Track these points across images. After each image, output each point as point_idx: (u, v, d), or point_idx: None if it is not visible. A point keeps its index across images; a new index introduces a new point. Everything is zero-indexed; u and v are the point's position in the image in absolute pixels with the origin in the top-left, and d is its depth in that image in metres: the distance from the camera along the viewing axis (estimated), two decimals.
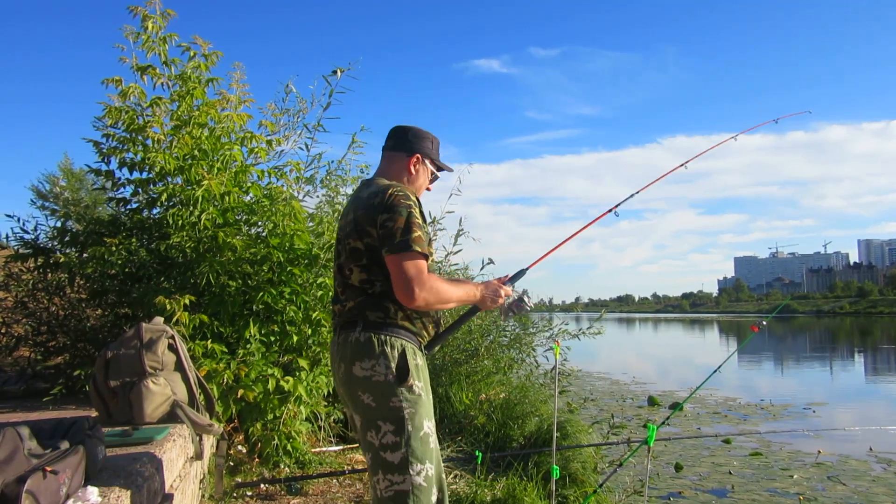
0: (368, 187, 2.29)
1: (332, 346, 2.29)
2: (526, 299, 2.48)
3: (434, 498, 2.10)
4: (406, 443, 2.07)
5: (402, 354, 2.12)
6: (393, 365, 2.10)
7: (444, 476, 2.20)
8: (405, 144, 2.39)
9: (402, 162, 2.38)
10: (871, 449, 8.15)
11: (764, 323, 3.19)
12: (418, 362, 2.17)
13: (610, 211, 3.03)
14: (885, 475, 7.12)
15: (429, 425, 2.13)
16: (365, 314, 2.18)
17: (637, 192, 3.20)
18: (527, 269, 2.63)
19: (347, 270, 2.23)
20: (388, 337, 2.14)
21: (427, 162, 2.42)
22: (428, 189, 2.50)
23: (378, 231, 2.14)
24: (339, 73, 4.65)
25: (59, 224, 4.68)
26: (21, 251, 4.56)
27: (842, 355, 27.45)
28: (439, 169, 2.49)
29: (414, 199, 2.22)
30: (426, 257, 2.14)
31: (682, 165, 3.44)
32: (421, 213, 2.24)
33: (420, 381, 2.14)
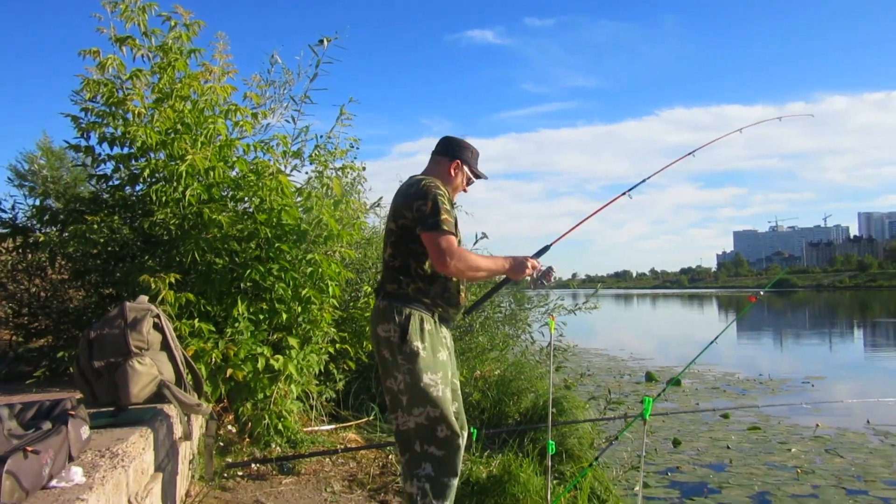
0: (409, 181, 2.81)
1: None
2: (553, 271, 2.93)
3: (442, 434, 2.60)
4: (408, 390, 2.61)
5: (407, 319, 2.63)
6: (397, 328, 2.62)
7: (451, 418, 2.63)
8: (449, 151, 2.91)
9: (444, 165, 2.89)
10: (868, 421, 8.14)
11: (762, 293, 3.12)
12: (425, 327, 2.65)
13: (624, 194, 3.46)
14: (882, 447, 7.12)
15: (430, 377, 2.60)
16: (385, 285, 2.77)
17: (649, 177, 3.63)
18: (550, 245, 3.11)
19: (384, 247, 2.85)
20: (398, 305, 2.67)
21: (465, 168, 2.92)
22: (464, 191, 2.98)
23: (414, 214, 2.63)
24: (325, 42, 4.50)
25: (37, 202, 4.57)
26: None
27: (841, 329, 27.54)
28: (476, 176, 2.99)
29: (444, 190, 2.71)
30: (454, 235, 2.62)
31: (690, 154, 3.81)
32: (450, 202, 2.72)
33: (423, 343, 2.62)
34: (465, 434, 2.86)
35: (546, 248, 3.08)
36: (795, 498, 5.43)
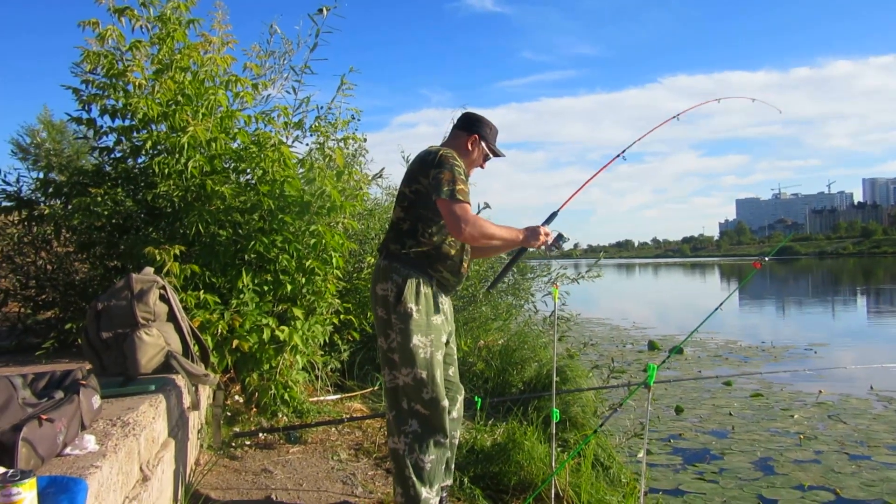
0: (427, 150, 2.87)
1: None
2: (564, 235, 3.04)
3: (426, 396, 2.68)
4: (399, 349, 2.69)
5: (404, 281, 2.70)
6: (394, 289, 2.70)
7: (437, 381, 2.70)
8: (467, 126, 2.98)
9: (462, 139, 2.95)
10: (871, 387, 8.20)
11: (767, 259, 3.11)
12: (422, 290, 2.72)
13: (618, 156, 3.42)
14: (885, 413, 7.17)
15: (420, 339, 2.68)
16: (388, 245, 2.84)
17: (642, 137, 3.59)
18: (557, 211, 3.18)
19: (394, 210, 2.91)
20: (398, 266, 2.74)
21: (483, 144, 2.97)
22: (481, 167, 3.05)
23: (430, 181, 2.70)
24: (325, 11, 4.44)
25: (41, 175, 4.57)
26: (4, 204, 4.45)
27: (844, 297, 27.56)
28: (494, 153, 3.03)
29: (460, 162, 2.78)
30: (469, 203, 2.70)
31: (674, 117, 3.67)
32: (466, 174, 2.79)
33: (417, 305, 2.69)
34: (461, 398, 3.02)
35: (554, 215, 3.16)
36: (798, 464, 5.49)
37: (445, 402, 2.74)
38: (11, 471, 1.45)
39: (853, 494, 4.84)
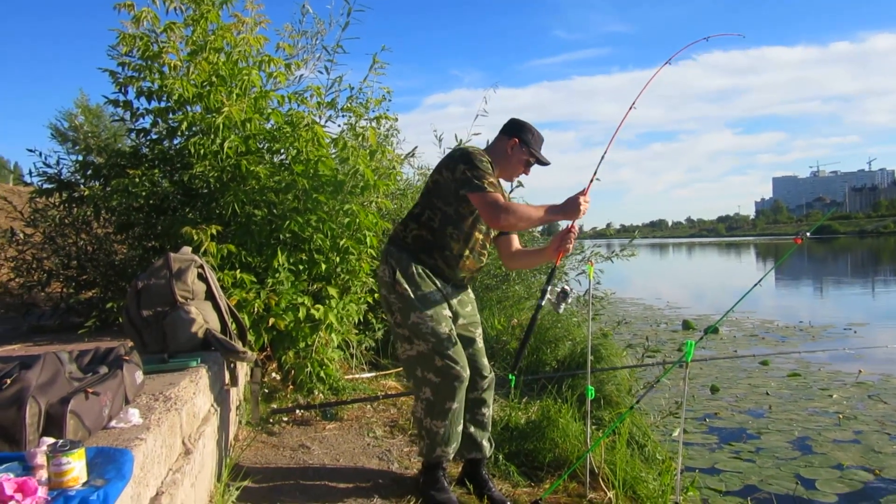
0: (458, 147, 3.10)
1: None
2: (568, 289, 3.10)
3: (439, 364, 2.77)
4: (404, 325, 2.83)
5: (397, 263, 2.86)
6: (389, 271, 2.86)
7: (445, 349, 2.77)
8: (509, 131, 3.01)
9: (503, 142, 2.99)
10: None
11: (808, 235, 3.03)
12: (414, 271, 2.84)
13: (592, 180, 3.07)
14: None
15: (419, 315, 2.79)
16: (396, 229, 3.00)
17: (605, 152, 3.24)
18: (592, 179, 3.05)
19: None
20: (393, 249, 2.91)
21: (524, 149, 2.96)
22: (525, 173, 3.05)
23: (459, 177, 2.77)
24: None
25: (80, 158, 4.65)
26: (45, 186, 4.55)
27: (885, 276, 26.89)
28: (537, 160, 3.01)
29: (487, 158, 2.84)
30: (499, 195, 2.76)
31: (631, 107, 3.28)
32: (493, 168, 2.85)
33: (410, 286, 2.81)
34: (489, 376, 3.09)
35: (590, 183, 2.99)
36: (837, 444, 5.41)
37: (458, 370, 2.79)
38: (61, 441, 1.49)
39: (894, 475, 4.75)
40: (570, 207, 2.80)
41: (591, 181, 3.01)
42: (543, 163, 3.06)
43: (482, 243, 3.01)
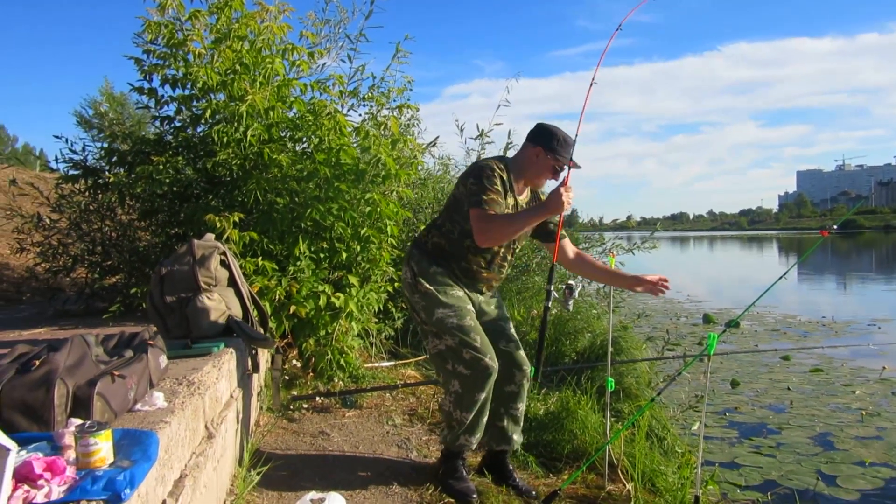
0: (475, 160, 3.20)
1: None
2: (574, 285, 3.31)
3: (468, 356, 2.80)
4: (428, 322, 2.91)
5: (417, 265, 2.97)
6: (410, 273, 2.98)
7: (473, 342, 2.81)
8: (534, 138, 2.99)
9: (527, 150, 3.00)
10: None
11: (835, 227, 2.99)
12: (434, 270, 2.94)
13: (570, 168, 2.96)
14: None
15: (443, 311, 2.86)
16: (420, 232, 3.16)
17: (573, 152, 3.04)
18: (569, 168, 2.98)
19: None
20: (414, 252, 3.04)
21: (549, 156, 2.93)
22: (555, 179, 2.99)
23: (466, 192, 2.86)
24: None
25: (105, 145, 4.70)
26: (71, 172, 4.60)
27: None
28: (562, 164, 2.95)
29: (496, 172, 2.87)
30: (494, 212, 2.78)
31: (591, 84, 3.14)
32: (499, 183, 2.86)
33: (430, 284, 2.91)
34: (527, 369, 3.07)
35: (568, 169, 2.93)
36: (859, 440, 5.34)
37: (487, 361, 2.81)
38: (88, 422, 1.51)
39: None
40: (553, 203, 2.76)
41: (569, 171, 2.91)
42: (574, 167, 2.94)
43: (503, 256, 3.03)
